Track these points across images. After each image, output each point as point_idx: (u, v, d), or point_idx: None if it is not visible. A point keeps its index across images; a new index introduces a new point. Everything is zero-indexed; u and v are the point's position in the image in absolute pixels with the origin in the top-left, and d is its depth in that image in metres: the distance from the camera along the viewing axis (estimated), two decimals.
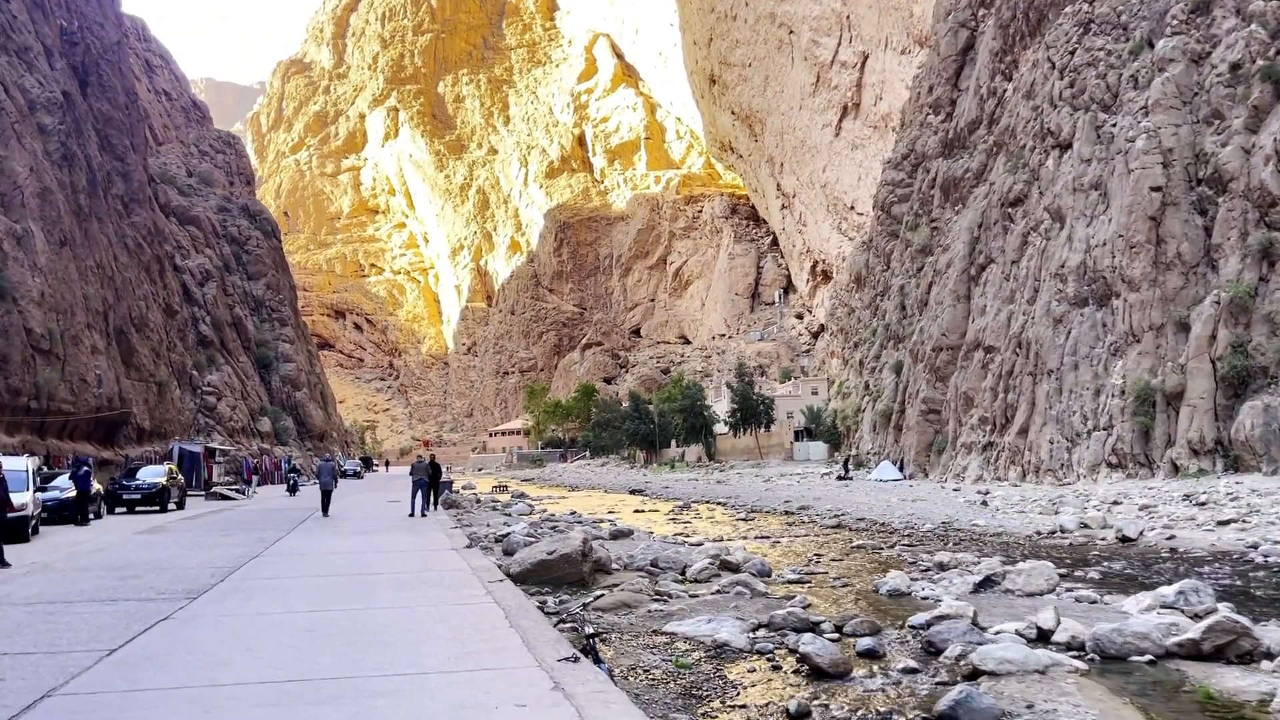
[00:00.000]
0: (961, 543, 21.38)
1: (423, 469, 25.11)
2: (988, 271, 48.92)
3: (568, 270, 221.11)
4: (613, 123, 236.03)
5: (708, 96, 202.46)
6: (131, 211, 48.69)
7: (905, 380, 55.91)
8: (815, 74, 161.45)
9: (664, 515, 31.26)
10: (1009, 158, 50.44)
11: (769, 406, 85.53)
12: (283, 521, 22.74)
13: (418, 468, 25.18)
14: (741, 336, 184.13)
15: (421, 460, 25.55)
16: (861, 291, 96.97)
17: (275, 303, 71.01)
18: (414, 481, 24.72)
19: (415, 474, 24.95)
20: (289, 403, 67.00)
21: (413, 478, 24.93)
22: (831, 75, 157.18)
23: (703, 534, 24.21)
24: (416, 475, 24.81)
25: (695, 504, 36.03)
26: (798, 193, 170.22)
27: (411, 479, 24.92)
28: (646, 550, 16.60)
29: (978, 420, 45.87)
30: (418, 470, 25.04)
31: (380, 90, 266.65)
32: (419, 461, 25.54)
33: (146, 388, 42.90)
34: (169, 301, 52.01)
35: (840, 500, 34.25)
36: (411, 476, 24.99)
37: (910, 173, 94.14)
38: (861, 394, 74.14)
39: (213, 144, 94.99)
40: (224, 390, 55.52)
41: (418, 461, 25.56)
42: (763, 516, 29.68)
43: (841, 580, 15.07)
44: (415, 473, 25.00)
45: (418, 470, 25.04)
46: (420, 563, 13.26)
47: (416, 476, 24.85)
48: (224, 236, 70.54)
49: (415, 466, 25.36)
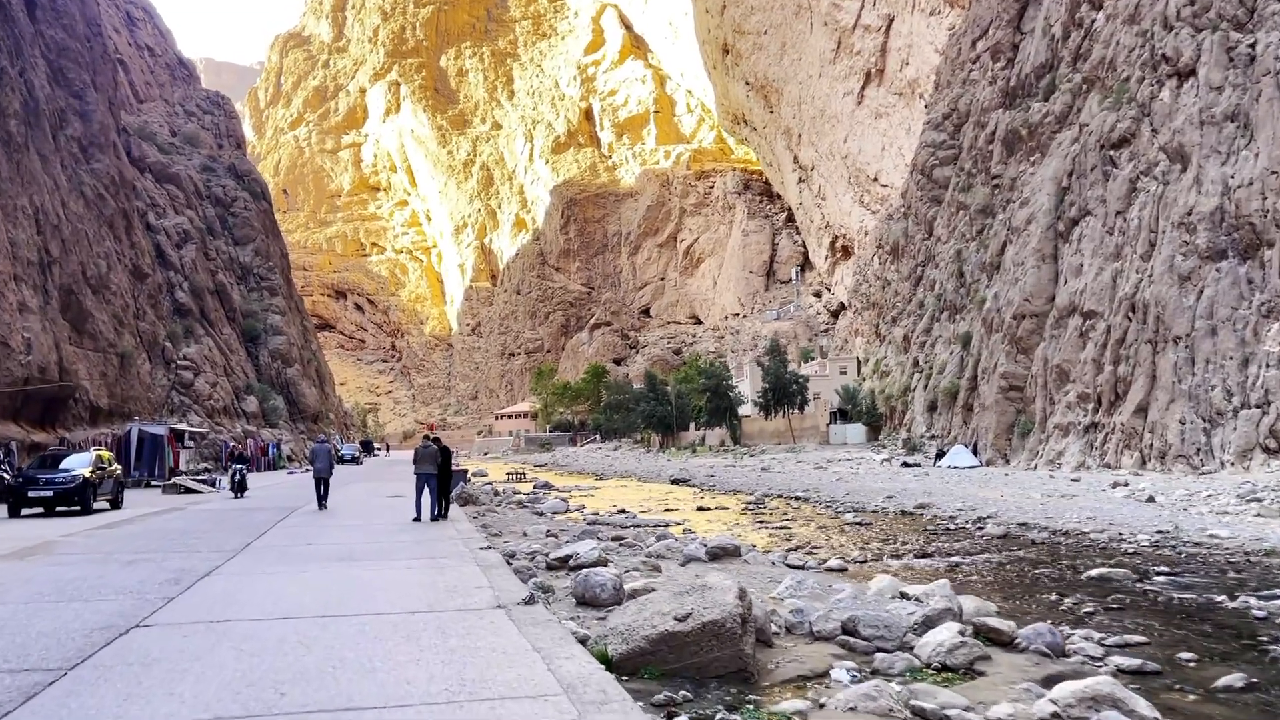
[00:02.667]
0: (1240, 568, 14.93)
1: (429, 457, 18.04)
2: (1083, 226, 42.21)
3: (575, 248, 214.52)
4: (621, 96, 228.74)
5: (720, 67, 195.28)
6: (91, 157, 42.12)
7: (977, 354, 49.31)
8: (836, 40, 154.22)
9: (741, 516, 24.70)
10: (1106, 94, 43.63)
11: (803, 387, 78.92)
12: (237, 531, 16.30)
13: (422, 455, 18.08)
14: (757, 316, 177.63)
15: (427, 446, 18.27)
16: (899, 263, 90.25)
17: (264, 270, 64.32)
18: (418, 476, 18.09)
19: (419, 465, 18.06)
20: (279, 380, 60.46)
21: (417, 471, 18.14)
22: (854, 40, 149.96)
23: (829, 550, 17.76)
24: (421, 467, 18.01)
25: (765, 498, 29.43)
26: (816, 165, 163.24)
27: (415, 472, 18.21)
28: (812, 597, 10.11)
29: (1075, 397, 39.29)
30: (422, 459, 18.06)
31: (381, 64, 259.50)
32: (423, 447, 18.28)
33: (104, 359, 36.45)
34: (138, 263, 45.48)
35: (951, 494, 27.79)
36: (415, 469, 18.20)
37: (953, 133, 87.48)
38: (909, 372, 67.60)
39: (200, 104, 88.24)
40: (203, 365, 49.00)
41: (421, 447, 18.30)
42: (877, 519, 22.93)
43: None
44: (419, 463, 18.07)
45: (422, 459, 18.06)
46: (441, 640, 6.82)
47: (422, 469, 18.05)
48: (207, 197, 63.87)
49: (419, 454, 18.17)
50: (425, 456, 18.09)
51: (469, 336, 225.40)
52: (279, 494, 28.20)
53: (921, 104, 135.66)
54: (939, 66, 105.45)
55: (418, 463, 18.12)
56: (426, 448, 18.23)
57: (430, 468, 18.03)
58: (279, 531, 16.14)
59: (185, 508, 22.23)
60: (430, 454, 18.12)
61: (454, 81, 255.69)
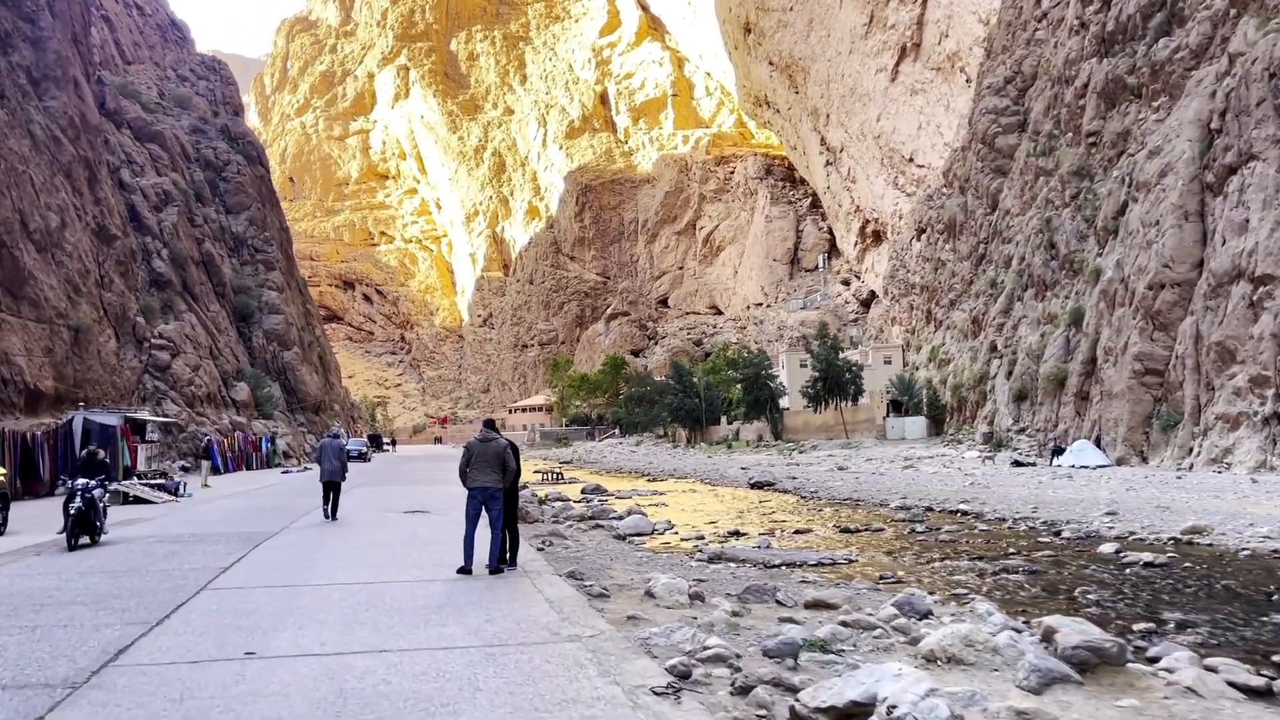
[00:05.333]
0: None
1: (491, 459, 10.46)
2: (1243, 174, 34.66)
3: (590, 236, 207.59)
4: (637, 79, 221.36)
5: (742, 47, 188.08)
6: (44, 92, 35.05)
7: (1094, 332, 41.83)
8: (868, 13, 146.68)
9: (919, 545, 16.71)
10: (1267, 15, 36.08)
11: (857, 376, 71.43)
12: (114, 613, 8.72)
13: (480, 455, 10.49)
14: (781, 305, 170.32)
15: (488, 441, 10.64)
16: (956, 241, 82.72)
17: (260, 241, 57.09)
18: (473, 493, 10.42)
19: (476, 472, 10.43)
20: (275, 365, 53.24)
21: (471, 484, 10.44)
22: (887, 14, 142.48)
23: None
24: (478, 478, 10.38)
25: (906, 510, 21.91)
26: (846, 146, 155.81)
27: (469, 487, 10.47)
28: None
29: (1247, 381, 31.81)
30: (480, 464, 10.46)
31: (390, 48, 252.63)
32: (481, 442, 10.68)
33: (49, 332, 29.39)
34: (105, 223, 38.37)
35: (1148, 504, 20.38)
36: (469, 481, 10.47)
37: (1016, 98, 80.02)
38: (983, 358, 60.13)
39: (194, 69, 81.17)
40: (182, 344, 41.85)
41: (479, 443, 10.71)
42: (1151, 552, 14.82)
43: None
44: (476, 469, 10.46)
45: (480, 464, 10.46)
46: None
47: (479, 481, 10.37)
48: (196, 160, 56.71)
49: (474, 453, 10.57)
50: (486, 458, 10.30)
51: (480, 328, 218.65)
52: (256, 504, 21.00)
53: (963, 78, 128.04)
54: (991, 32, 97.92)
55: (473, 469, 10.30)
56: (487, 442, 10.39)
57: (492, 478, 10.23)
58: (205, 605, 8.57)
59: (107, 544, 14.84)
60: (494, 454, 10.31)
61: (465, 66, 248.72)
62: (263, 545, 12.27)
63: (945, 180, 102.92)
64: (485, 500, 10.28)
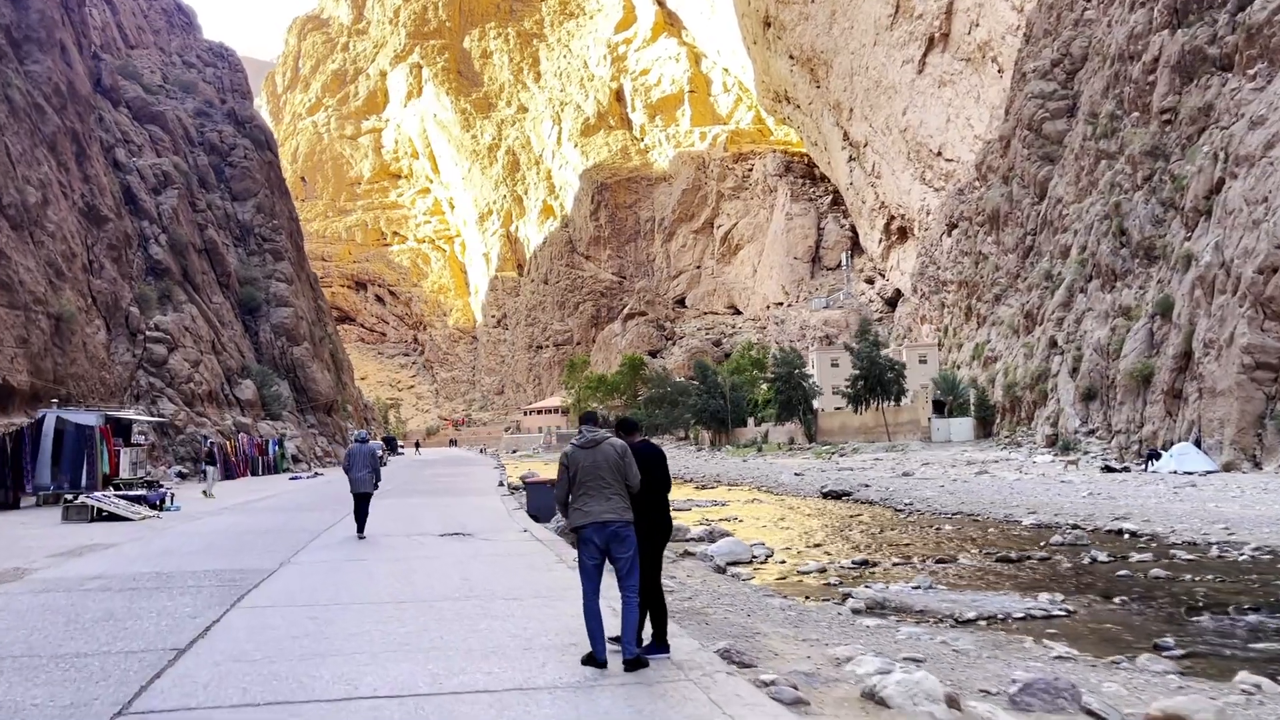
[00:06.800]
0: None
1: (609, 472, 6.27)
2: None
3: (605, 235, 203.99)
4: (653, 75, 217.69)
5: (761, 41, 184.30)
6: (25, 55, 31.47)
7: (1187, 324, 37.72)
8: (894, 3, 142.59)
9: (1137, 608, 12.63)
10: None
11: (900, 374, 67.32)
12: None
13: (591, 473, 6.25)
14: (803, 304, 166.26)
15: (600, 445, 6.39)
16: (1000, 233, 78.59)
17: (268, 230, 53.34)
18: (585, 539, 6.20)
19: (588, 506, 6.18)
20: (284, 361, 49.42)
21: (582, 524, 6.16)
22: (915, 3, 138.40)
23: None
24: (594, 510, 6.12)
25: (1041, 529, 17.90)
26: (870, 141, 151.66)
27: (578, 529, 6.24)
28: None
29: None
30: (595, 489, 6.23)
31: (402, 46, 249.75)
32: (588, 448, 6.42)
33: (24, 320, 25.73)
34: (94, 203, 34.73)
35: None
36: (577, 520, 6.22)
37: (1065, 81, 76.02)
38: (1041, 355, 56.05)
39: (200, 55, 77.59)
40: (181, 337, 38.13)
41: (583, 448, 6.45)
42: None
43: None
44: (588, 499, 6.21)
45: (595, 489, 6.23)
46: None
47: (597, 515, 6.11)
48: (200, 144, 53.08)
49: (582, 466, 6.30)
50: (600, 475, 6.27)
51: (494, 329, 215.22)
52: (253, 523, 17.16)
53: (995, 68, 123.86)
54: (1030, 17, 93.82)
55: (581, 494, 6.25)
56: (596, 448, 6.36)
57: (615, 506, 6.19)
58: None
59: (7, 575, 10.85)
60: (611, 466, 6.29)
61: (478, 64, 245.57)
62: (249, 597, 8.45)
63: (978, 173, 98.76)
64: (608, 544, 6.18)
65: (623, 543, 6.22)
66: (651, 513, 6.54)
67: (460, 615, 7.56)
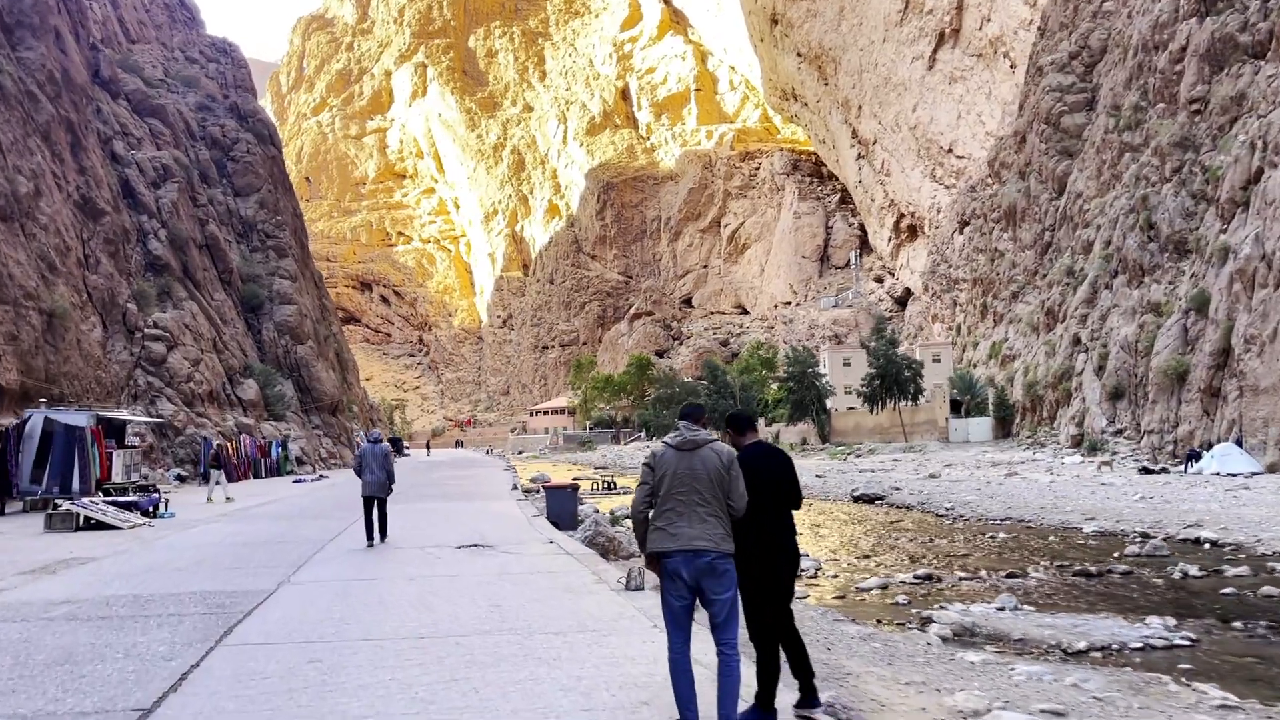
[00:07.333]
0: None
1: (707, 487, 4.80)
2: None
3: (612, 235, 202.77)
4: (659, 74, 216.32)
5: (768, 39, 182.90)
6: (18, 41, 30.22)
7: (1225, 319, 36.26)
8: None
9: None
10: None
11: (918, 374, 65.83)
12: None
13: (684, 485, 4.81)
14: (812, 304, 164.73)
15: (699, 450, 4.92)
16: (1018, 229, 77.11)
17: (271, 226, 52.01)
18: (670, 574, 4.73)
19: (677, 530, 4.74)
20: (287, 360, 48.09)
21: (667, 549, 4.72)
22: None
23: None
24: (684, 535, 4.66)
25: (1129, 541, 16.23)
26: (879, 138, 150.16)
27: (658, 556, 4.79)
28: None
29: None
30: (686, 508, 4.79)
31: (407, 46, 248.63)
32: (685, 450, 4.95)
33: (14, 316, 24.43)
34: (90, 195, 33.45)
35: None
36: (657, 544, 4.77)
37: (1083, 74, 74.60)
38: (1064, 353, 54.60)
39: (203, 50, 76.46)
40: (180, 335, 36.83)
41: (678, 450, 4.97)
42: None
43: None
44: (676, 520, 4.77)
45: (686, 508, 4.79)
46: None
47: (688, 542, 4.65)
48: (202, 139, 51.82)
49: (670, 474, 4.89)
50: (695, 488, 4.76)
51: (500, 329, 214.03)
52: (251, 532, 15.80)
53: (1007, 64, 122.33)
54: (1044, 10, 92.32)
55: (667, 513, 4.75)
56: (694, 452, 4.87)
57: (711, 533, 4.67)
58: None
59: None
60: (712, 478, 4.77)
61: (483, 63, 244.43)
62: (239, 630, 7.06)
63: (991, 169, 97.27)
64: (699, 580, 4.70)
65: (720, 579, 4.73)
66: (779, 536, 5.19)
67: (496, 657, 6.18)
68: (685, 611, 4.76)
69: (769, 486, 5.16)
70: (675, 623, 4.72)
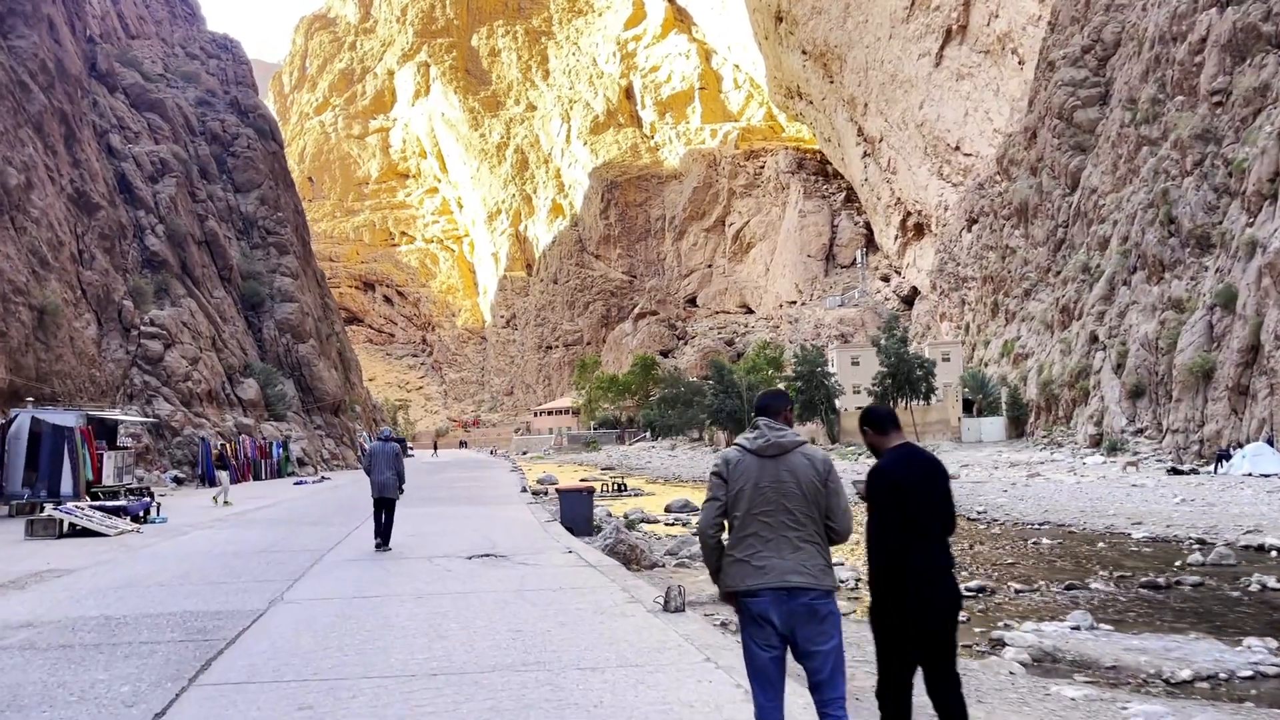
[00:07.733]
0: None
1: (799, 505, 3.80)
2: None
3: (615, 234, 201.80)
4: (663, 72, 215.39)
5: (773, 37, 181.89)
6: (9, 29, 29.26)
7: (1254, 315, 35.17)
8: None
9: None
10: None
11: (930, 372, 64.77)
12: None
13: (767, 501, 3.82)
14: (817, 303, 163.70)
15: (785, 456, 3.92)
16: (1030, 226, 76.00)
17: (272, 223, 51.00)
18: (753, 617, 3.72)
19: (761, 559, 3.74)
20: (288, 359, 47.09)
21: (749, 588, 3.69)
22: None
23: None
24: (769, 568, 3.65)
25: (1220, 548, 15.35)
26: (885, 136, 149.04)
27: (739, 594, 3.77)
28: None
29: None
30: (771, 530, 3.80)
31: (410, 45, 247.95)
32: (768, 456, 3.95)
33: (2, 310, 23.44)
34: (84, 189, 32.48)
35: None
36: (736, 583, 3.78)
37: (1096, 68, 73.48)
38: (1083, 350, 53.50)
39: (204, 46, 75.58)
40: (178, 333, 35.86)
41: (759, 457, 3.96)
42: None
43: None
44: (759, 546, 3.79)
45: (771, 530, 3.80)
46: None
47: (775, 579, 3.62)
48: (201, 134, 50.86)
49: (749, 486, 3.88)
50: (783, 505, 3.73)
51: (503, 329, 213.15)
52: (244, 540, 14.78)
53: (1015, 60, 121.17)
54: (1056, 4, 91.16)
55: (748, 538, 3.68)
56: (778, 459, 3.82)
57: (804, 563, 3.62)
58: None
59: None
60: (805, 492, 3.72)
61: (486, 62, 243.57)
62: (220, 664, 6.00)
63: (999, 166, 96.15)
64: (793, 627, 3.70)
65: (821, 625, 3.70)
66: (946, 574, 4.07)
67: (523, 702, 5.13)
68: (775, 665, 3.72)
69: (934, 507, 4.03)
70: (763, 679, 3.70)
